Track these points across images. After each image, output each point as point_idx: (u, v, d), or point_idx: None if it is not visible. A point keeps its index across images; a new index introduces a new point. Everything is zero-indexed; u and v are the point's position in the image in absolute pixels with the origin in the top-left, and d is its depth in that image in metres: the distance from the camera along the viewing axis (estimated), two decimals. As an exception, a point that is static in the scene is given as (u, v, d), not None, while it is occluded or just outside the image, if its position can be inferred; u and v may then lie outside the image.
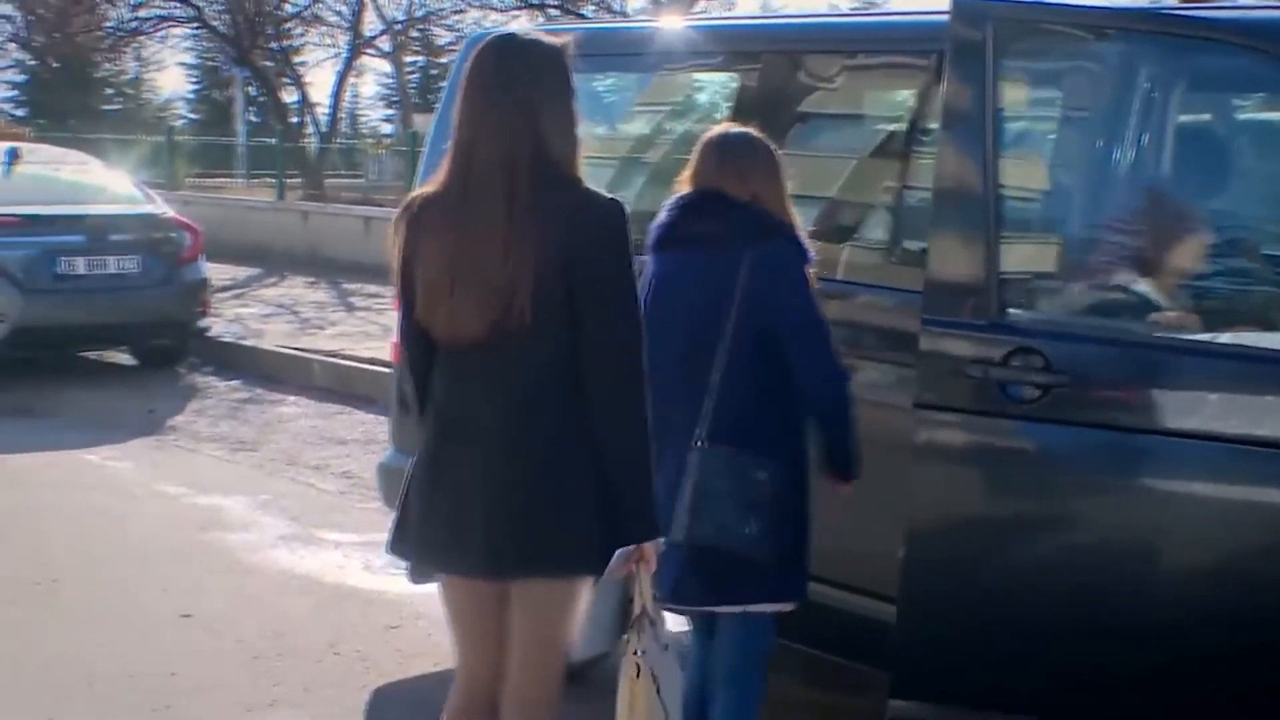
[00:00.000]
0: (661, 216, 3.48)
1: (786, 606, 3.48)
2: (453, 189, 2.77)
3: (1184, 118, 3.89)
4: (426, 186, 2.87)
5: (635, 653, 2.95)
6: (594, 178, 2.84)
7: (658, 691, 2.96)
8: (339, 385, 10.09)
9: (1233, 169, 3.70)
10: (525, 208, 2.69)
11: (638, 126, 5.18)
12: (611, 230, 2.74)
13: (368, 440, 8.55)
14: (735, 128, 3.49)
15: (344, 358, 10.45)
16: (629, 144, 5.14)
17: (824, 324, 3.39)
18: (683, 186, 3.49)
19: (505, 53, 2.76)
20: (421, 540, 2.98)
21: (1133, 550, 3.19)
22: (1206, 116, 4.05)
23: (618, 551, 2.82)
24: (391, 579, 5.84)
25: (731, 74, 4.68)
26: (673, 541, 3.21)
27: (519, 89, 2.69)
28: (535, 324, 2.74)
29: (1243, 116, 3.96)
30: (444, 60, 27.60)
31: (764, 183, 3.38)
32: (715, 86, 4.94)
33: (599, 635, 3.14)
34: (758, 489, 3.24)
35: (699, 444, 3.26)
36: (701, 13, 20.08)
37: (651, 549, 2.86)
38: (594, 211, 2.74)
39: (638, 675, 2.95)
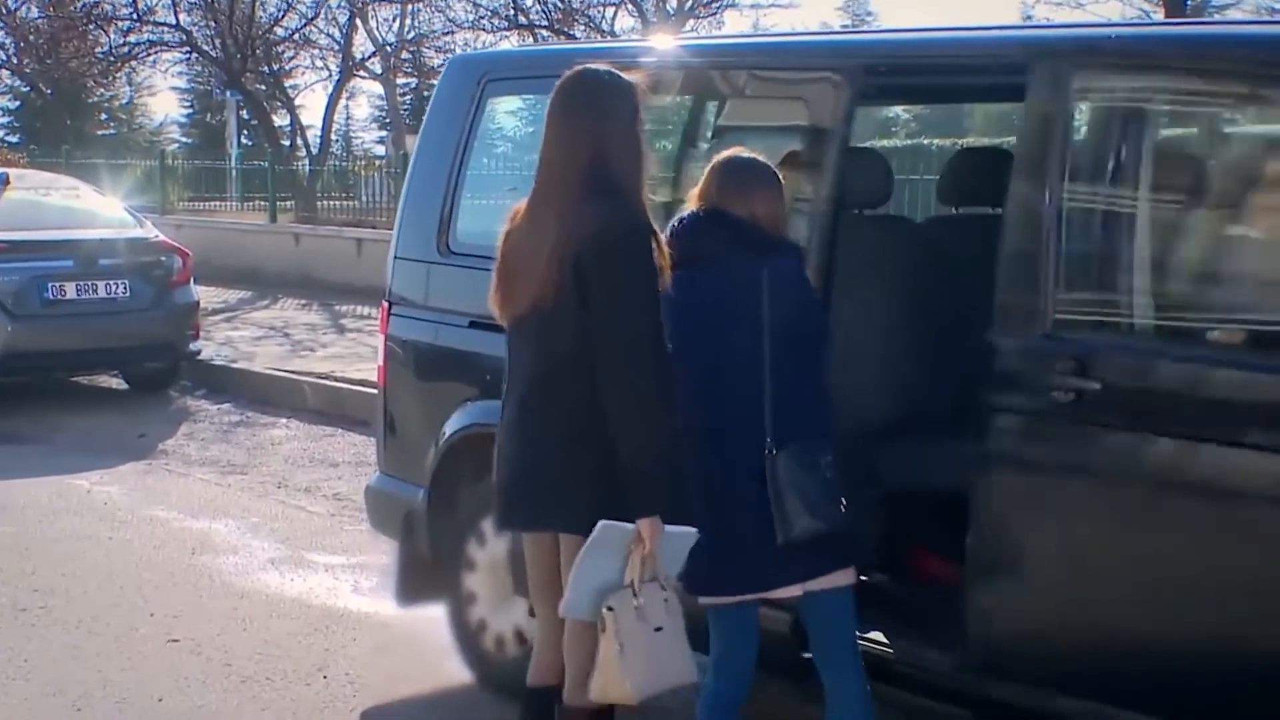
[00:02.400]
0: (665, 237, 3.56)
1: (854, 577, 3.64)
2: (534, 190, 3.35)
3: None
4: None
5: (607, 608, 3.25)
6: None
7: (620, 652, 3.23)
8: (330, 407, 10.07)
9: None
10: (570, 207, 3.20)
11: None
12: (618, 242, 3.17)
13: (358, 462, 8.53)
14: (744, 152, 3.62)
15: (335, 379, 10.43)
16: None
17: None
18: (689, 206, 3.64)
19: (582, 80, 3.32)
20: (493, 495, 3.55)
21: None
22: None
23: (602, 523, 3.19)
24: (382, 601, 5.81)
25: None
26: (784, 543, 3.40)
27: (588, 112, 3.25)
28: (556, 310, 3.23)
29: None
30: (435, 82, 27.58)
31: (764, 203, 3.54)
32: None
33: (583, 600, 3.31)
34: (832, 472, 3.43)
35: (770, 452, 3.40)
36: (690, 32, 20.13)
37: (648, 528, 3.20)
38: (612, 222, 3.17)
39: (602, 629, 3.25)
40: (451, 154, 5.14)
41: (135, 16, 24.94)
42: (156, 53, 26.55)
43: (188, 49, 25.75)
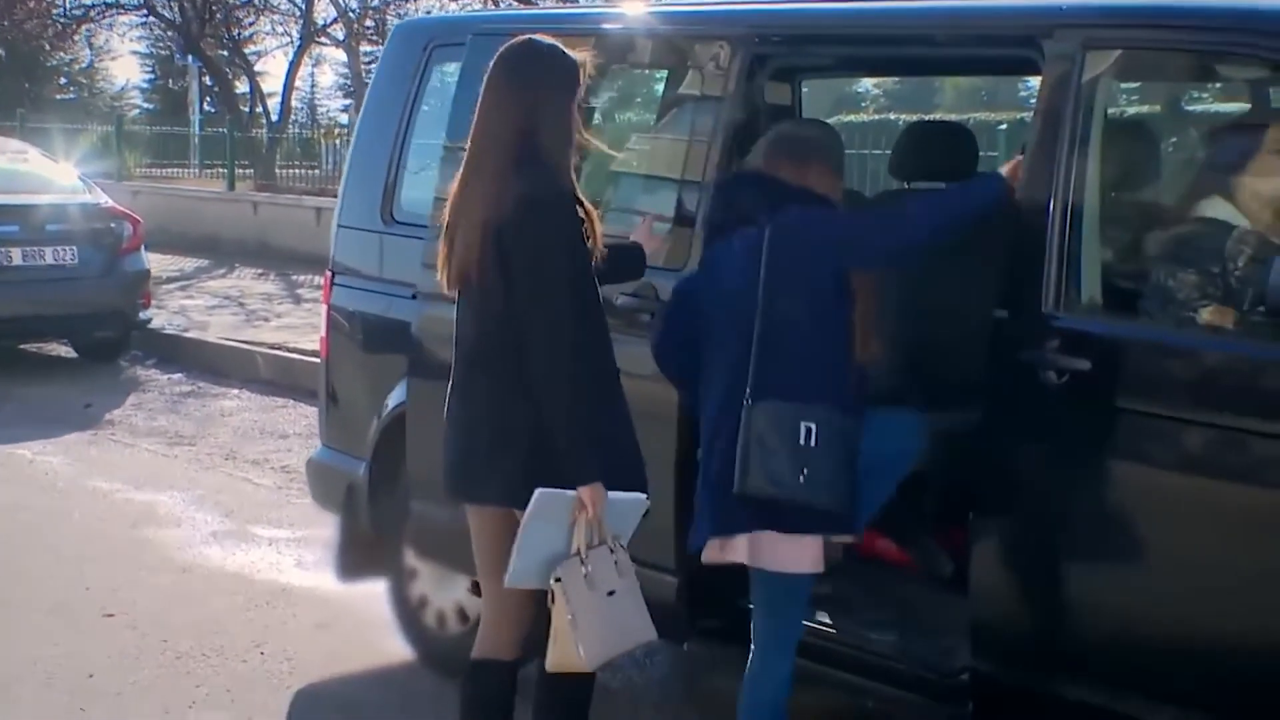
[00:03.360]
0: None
1: (846, 538, 3.60)
2: (465, 159, 3.33)
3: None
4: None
5: (555, 579, 3.24)
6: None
7: (572, 621, 3.23)
8: (282, 378, 9.94)
9: None
10: (496, 178, 3.21)
11: None
12: (536, 212, 3.16)
13: (309, 434, 8.38)
14: (810, 120, 3.64)
15: (288, 350, 10.27)
16: None
17: None
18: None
19: (518, 51, 3.33)
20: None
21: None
22: None
23: (539, 491, 3.19)
24: (324, 576, 5.72)
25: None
26: (736, 494, 3.36)
27: (521, 83, 3.25)
28: (485, 281, 3.23)
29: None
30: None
31: (819, 178, 3.52)
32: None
33: (530, 570, 3.30)
34: (819, 442, 3.32)
35: (747, 402, 3.37)
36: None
37: (589, 494, 3.20)
38: (531, 193, 3.17)
39: (552, 601, 3.25)
40: (397, 121, 5.07)
41: (92, -23, 24.58)
42: (113, 15, 26.21)
43: (145, 12, 25.38)
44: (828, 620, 3.94)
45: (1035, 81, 3.61)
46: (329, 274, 5.31)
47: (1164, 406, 3.23)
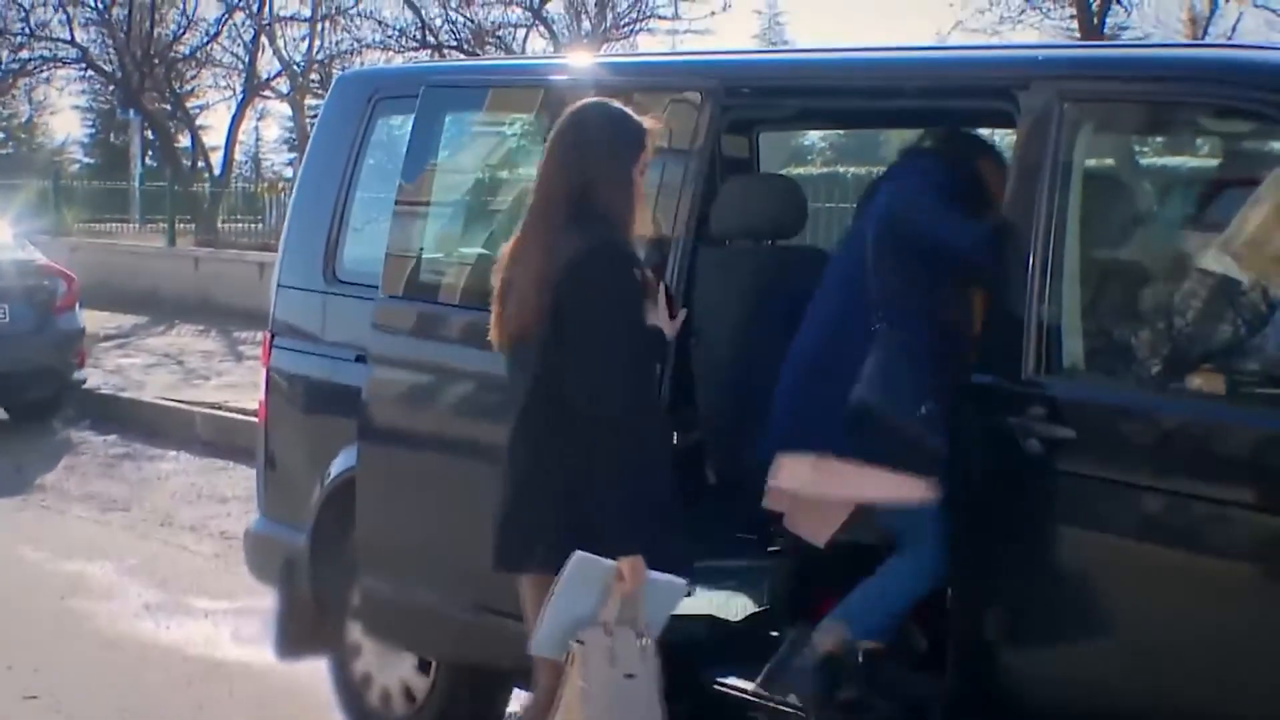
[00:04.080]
0: None
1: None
2: (525, 218, 3.34)
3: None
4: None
5: (577, 641, 3.15)
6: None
7: (584, 692, 3.11)
8: (222, 438, 9.66)
9: None
10: (555, 236, 3.18)
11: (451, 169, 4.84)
12: (594, 271, 3.13)
13: (250, 497, 7.99)
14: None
15: (229, 409, 10.03)
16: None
17: None
18: None
19: (585, 112, 3.33)
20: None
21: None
22: None
23: (578, 554, 3.10)
24: (263, 650, 5.45)
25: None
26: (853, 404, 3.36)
27: (583, 145, 3.25)
28: (537, 339, 3.18)
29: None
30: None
31: (989, 171, 3.64)
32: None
33: (555, 636, 3.22)
34: (936, 373, 3.33)
35: (878, 325, 3.40)
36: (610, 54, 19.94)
37: (630, 568, 3.11)
38: (590, 251, 3.13)
39: (569, 662, 3.13)
40: (339, 176, 4.93)
41: (28, 31, 24.27)
42: (51, 69, 25.87)
43: (84, 65, 25.09)
44: (793, 700, 3.73)
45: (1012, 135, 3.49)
46: (268, 335, 5.13)
47: (1153, 478, 3.09)
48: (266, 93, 27.44)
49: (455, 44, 21.23)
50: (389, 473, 4.34)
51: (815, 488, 3.52)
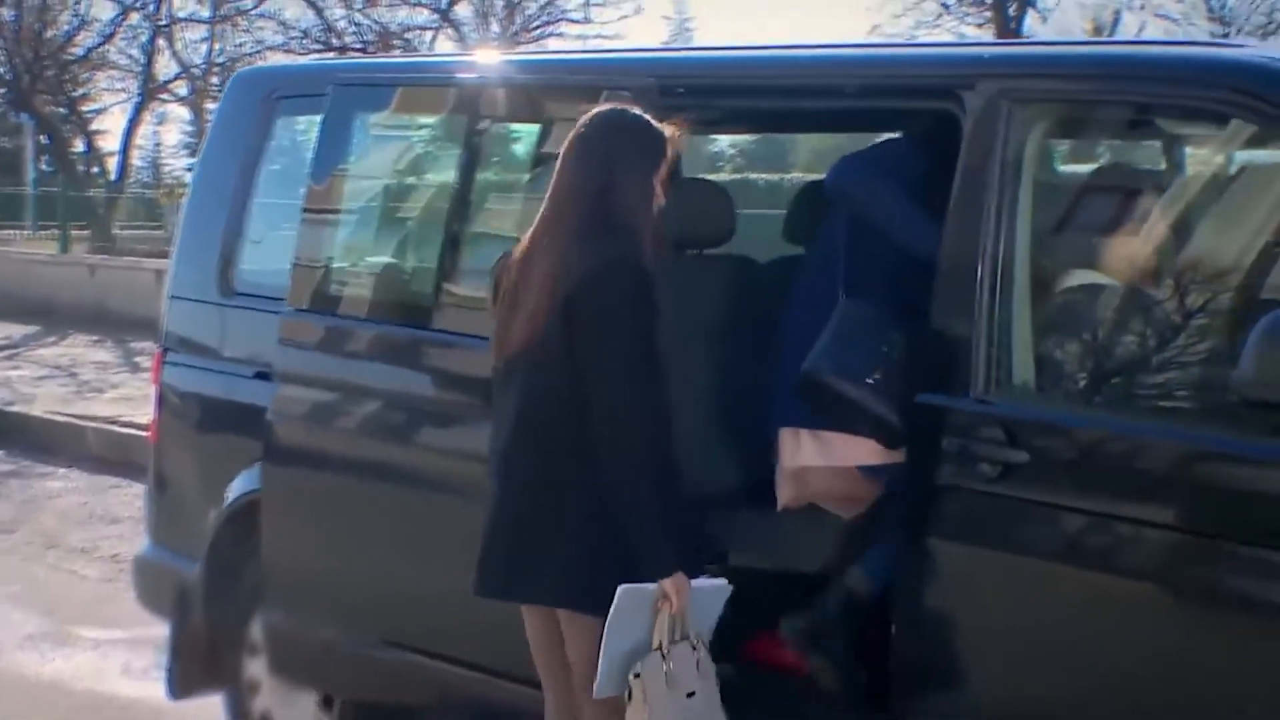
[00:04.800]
0: None
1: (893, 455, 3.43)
2: (537, 223, 3.21)
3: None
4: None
5: (634, 675, 3.05)
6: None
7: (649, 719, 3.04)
8: (115, 455, 9.31)
9: None
10: (569, 242, 3.08)
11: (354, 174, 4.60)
12: (611, 281, 3.02)
13: (143, 517, 7.76)
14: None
15: (123, 424, 9.70)
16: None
17: None
18: None
19: (605, 119, 3.22)
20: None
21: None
22: None
23: (622, 588, 2.99)
24: (154, 686, 5.14)
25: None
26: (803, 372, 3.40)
27: (603, 151, 3.15)
28: (544, 351, 3.08)
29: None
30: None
31: None
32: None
33: (615, 673, 3.10)
34: (890, 345, 3.33)
35: (841, 296, 3.42)
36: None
37: (672, 587, 3.03)
38: (607, 261, 3.04)
39: (629, 698, 3.06)
40: (236, 181, 4.70)
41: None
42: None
43: (-30, 68, 24.38)
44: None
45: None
46: (160, 350, 4.87)
47: (1112, 505, 2.91)
48: (164, 96, 27.02)
49: (360, 46, 20.95)
50: (296, 497, 4.14)
51: (791, 461, 3.59)
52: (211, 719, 4.66)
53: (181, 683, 4.69)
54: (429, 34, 21.71)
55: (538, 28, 21.35)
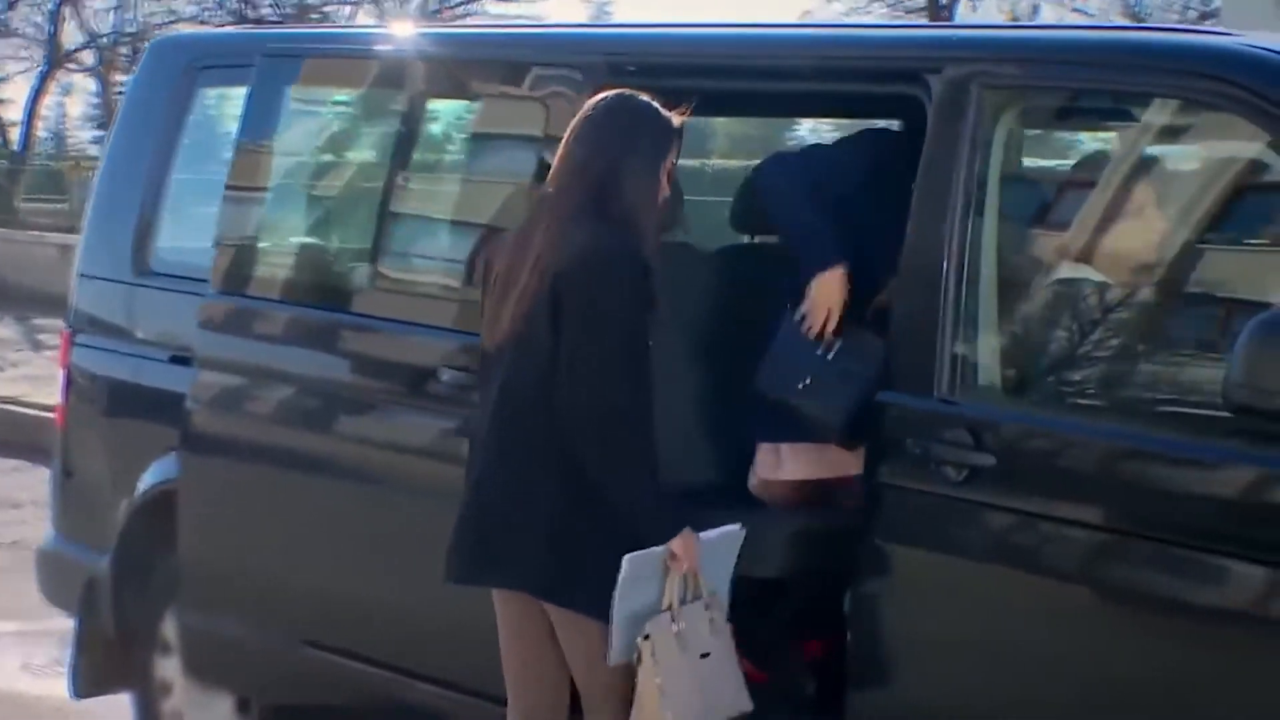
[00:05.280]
0: None
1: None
2: (534, 204, 3.22)
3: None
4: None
5: (643, 637, 3.00)
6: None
7: (660, 687, 2.99)
8: (16, 436, 9.09)
9: None
10: (562, 224, 3.04)
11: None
12: (602, 266, 2.98)
13: (47, 502, 7.51)
14: None
15: (22, 404, 9.54)
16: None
17: None
18: None
19: (616, 104, 3.14)
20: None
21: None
22: None
23: (629, 557, 2.94)
24: (57, 683, 4.95)
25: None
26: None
27: (611, 139, 3.09)
28: (529, 333, 3.03)
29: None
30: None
31: None
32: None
33: (628, 639, 3.02)
34: (828, 347, 3.34)
35: (788, 307, 3.42)
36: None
37: (680, 545, 2.98)
38: (600, 246, 3.00)
39: (638, 660, 3.00)
40: (153, 155, 4.57)
41: None
42: None
43: None
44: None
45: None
46: (68, 330, 4.72)
47: (1082, 511, 2.82)
48: (71, 65, 26.47)
49: (278, 19, 20.73)
50: (216, 489, 4.04)
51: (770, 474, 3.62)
52: (121, 717, 4.51)
53: (86, 681, 4.58)
54: (348, 9, 21.57)
55: (459, 3, 21.21)
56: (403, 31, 4.25)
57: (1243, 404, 2.50)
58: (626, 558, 2.96)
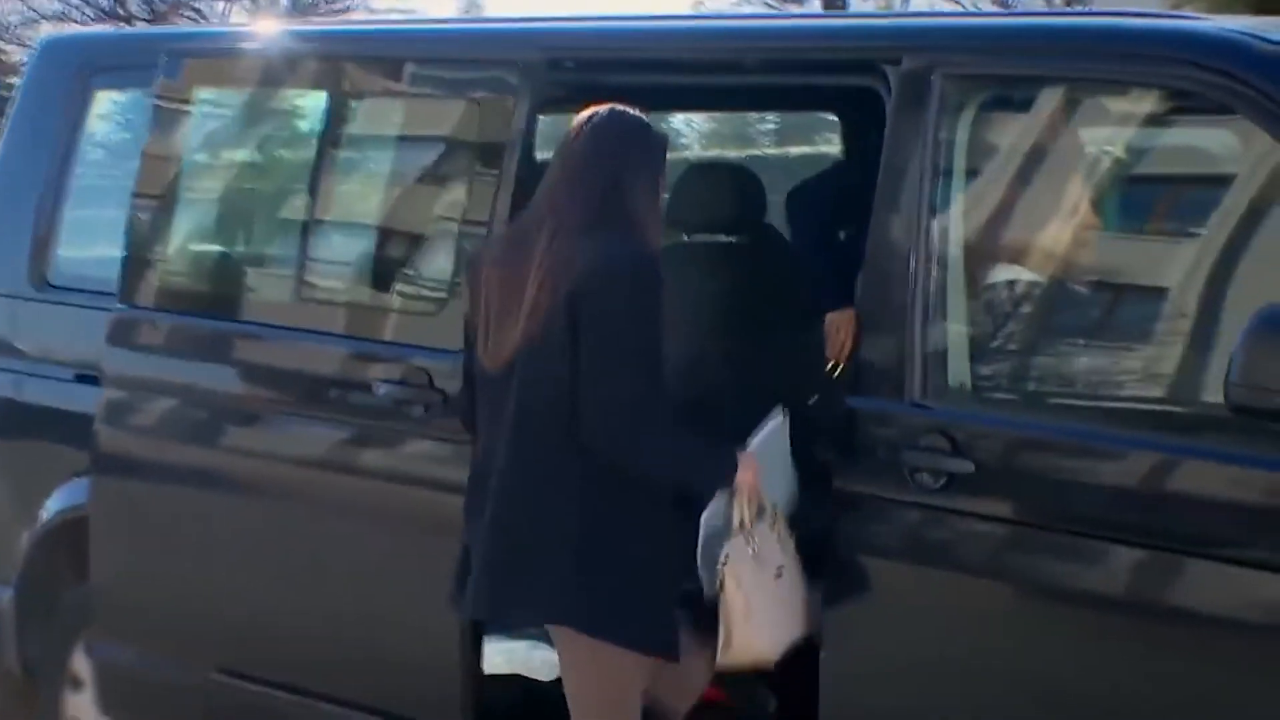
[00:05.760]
0: None
1: None
2: (526, 217, 3.16)
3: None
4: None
5: (722, 563, 3.00)
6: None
7: (747, 606, 2.99)
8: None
9: None
10: (569, 236, 2.99)
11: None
12: (620, 279, 2.94)
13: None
14: None
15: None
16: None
17: None
18: None
19: (615, 123, 3.11)
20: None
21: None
22: None
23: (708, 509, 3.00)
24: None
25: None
26: None
27: (611, 161, 3.07)
28: (544, 351, 2.97)
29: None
30: (13, 81, 25.47)
31: None
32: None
33: (710, 574, 3.02)
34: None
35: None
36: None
37: (739, 471, 2.99)
38: (617, 255, 2.97)
39: (722, 587, 3.00)
40: (48, 163, 4.41)
41: None
42: None
43: None
44: None
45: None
46: None
47: (1064, 519, 2.74)
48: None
49: (148, 16, 20.26)
50: (129, 514, 3.91)
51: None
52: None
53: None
54: (220, 5, 21.14)
55: (337, 1, 20.92)
56: (323, 29, 4.09)
57: (1242, 404, 2.44)
58: (706, 511, 2.99)
